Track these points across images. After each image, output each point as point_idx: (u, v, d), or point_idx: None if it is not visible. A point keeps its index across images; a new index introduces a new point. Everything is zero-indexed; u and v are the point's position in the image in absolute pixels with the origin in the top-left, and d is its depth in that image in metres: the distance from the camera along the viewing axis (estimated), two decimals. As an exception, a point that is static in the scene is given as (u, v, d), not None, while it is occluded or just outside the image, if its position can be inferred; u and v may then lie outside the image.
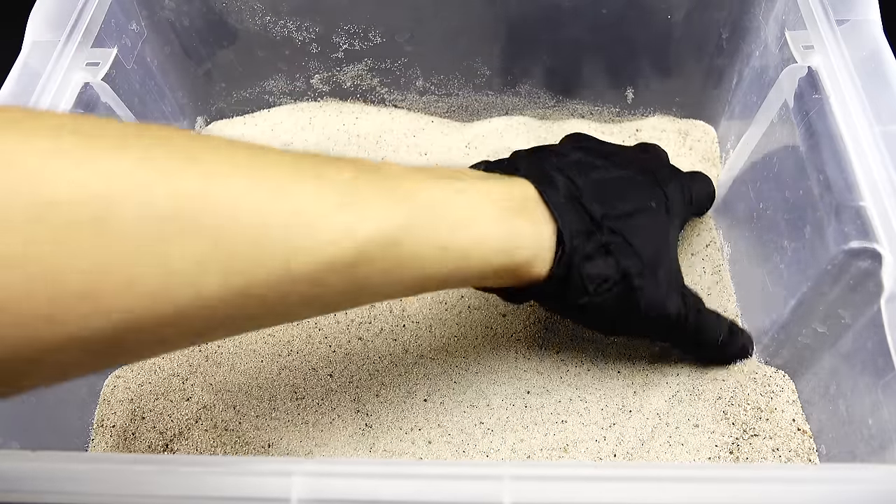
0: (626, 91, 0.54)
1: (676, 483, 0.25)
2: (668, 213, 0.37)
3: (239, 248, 0.24)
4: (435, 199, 0.29)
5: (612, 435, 0.39)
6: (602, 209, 0.34)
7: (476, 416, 0.40)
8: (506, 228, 0.31)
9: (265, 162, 0.26)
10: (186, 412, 0.41)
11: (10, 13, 0.44)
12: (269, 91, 0.55)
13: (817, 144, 0.36)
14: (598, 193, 0.35)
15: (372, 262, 0.27)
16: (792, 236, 0.38)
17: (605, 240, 0.34)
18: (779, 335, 0.39)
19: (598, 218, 0.34)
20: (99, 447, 0.40)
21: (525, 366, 0.42)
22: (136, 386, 0.42)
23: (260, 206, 0.24)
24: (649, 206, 0.36)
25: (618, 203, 0.35)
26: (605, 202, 0.35)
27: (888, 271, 0.31)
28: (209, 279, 0.23)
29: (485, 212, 0.31)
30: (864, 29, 0.39)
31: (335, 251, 0.26)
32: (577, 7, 0.49)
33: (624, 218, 0.35)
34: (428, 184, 0.30)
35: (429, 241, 0.29)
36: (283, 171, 0.26)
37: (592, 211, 0.34)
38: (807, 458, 0.38)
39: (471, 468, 0.25)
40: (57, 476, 0.25)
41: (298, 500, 0.24)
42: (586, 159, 0.37)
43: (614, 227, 0.34)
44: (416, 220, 0.28)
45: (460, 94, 0.55)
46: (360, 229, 0.26)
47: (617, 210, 0.35)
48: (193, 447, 0.39)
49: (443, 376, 0.42)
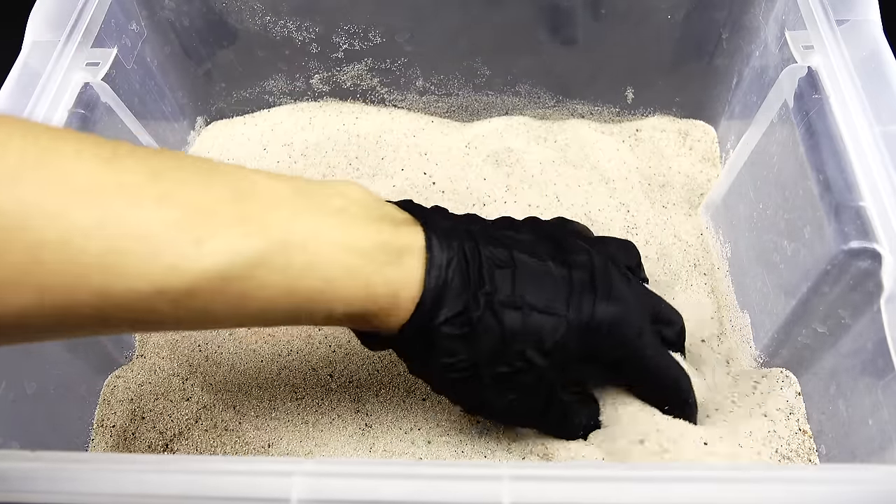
0: (626, 91, 0.54)
1: (676, 483, 0.25)
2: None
3: (57, 266, 0.23)
4: (293, 237, 0.28)
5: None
6: (492, 288, 0.32)
7: (474, 416, 0.40)
8: (362, 281, 0.29)
9: (112, 178, 0.25)
10: (186, 412, 0.41)
11: (10, 13, 0.44)
12: (269, 91, 0.55)
13: (817, 144, 0.36)
14: (500, 276, 0.32)
15: (211, 293, 0.26)
16: (792, 236, 0.38)
17: (476, 316, 0.31)
18: (779, 335, 0.39)
19: (481, 294, 0.32)
20: (99, 447, 0.40)
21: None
22: (135, 386, 0.42)
23: (86, 225, 0.24)
24: (556, 313, 0.33)
25: (521, 294, 0.32)
26: (503, 287, 0.32)
27: (888, 271, 0.31)
28: (24, 292, 0.23)
29: (343, 260, 0.29)
30: (864, 29, 0.39)
31: (167, 279, 0.25)
32: (577, 7, 0.49)
33: (512, 308, 0.32)
34: (296, 218, 0.28)
35: (274, 282, 0.27)
36: (128, 190, 0.25)
37: (478, 285, 0.32)
38: (807, 458, 0.38)
39: (470, 468, 0.25)
40: (57, 476, 0.25)
41: (298, 500, 0.24)
42: (519, 238, 0.34)
43: (496, 310, 0.32)
44: (265, 258, 0.27)
45: (460, 94, 0.55)
46: (200, 259, 0.25)
47: (511, 298, 0.32)
48: (193, 447, 0.39)
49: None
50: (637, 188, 0.51)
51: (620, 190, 0.51)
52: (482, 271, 0.32)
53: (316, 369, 0.43)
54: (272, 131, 0.55)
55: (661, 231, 0.49)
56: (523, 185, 0.51)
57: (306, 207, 0.29)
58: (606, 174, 0.52)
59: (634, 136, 0.54)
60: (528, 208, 0.50)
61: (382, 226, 0.30)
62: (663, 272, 0.47)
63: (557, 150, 0.53)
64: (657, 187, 0.51)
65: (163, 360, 0.43)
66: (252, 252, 0.26)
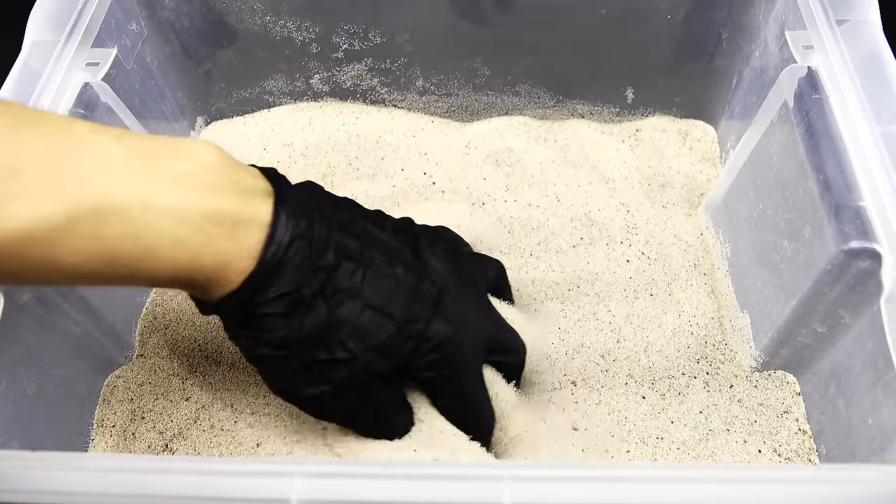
0: (625, 91, 0.54)
1: (676, 483, 0.25)
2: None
3: None
4: (111, 202, 0.27)
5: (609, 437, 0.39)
6: (330, 276, 0.31)
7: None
8: (190, 252, 0.28)
9: None
10: (186, 412, 0.41)
11: (10, 13, 0.44)
12: (269, 91, 0.55)
13: (817, 144, 0.36)
14: (345, 267, 0.32)
15: (13, 256, 0.26)
16: (792, 236, 0.38)
17: (306, 298, 0.31)
18: (779, 335, 0.39)
19: (317, 278, 0.31)
20: (99, 447, 0.40)
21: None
22: (135, 386, 0.42)
23: None
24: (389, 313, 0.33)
25: (360, 288, 0.32)
26: (343, 277, 0.32)
27: (888, 271, 0.31)
28: None
29: (169, 229, 0.28)
30: (864, 29, 0.39)
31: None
32: (577, 7, 0.49)
33: (347, 298, 0.32)
34: (121, 181, 0.27)
35: (86, 248, 0.26)
36: None
37: (317, 269, 0.31)
38: (807, 458, 0.38)
39: (471, 468, 0.25)
40: (57, 476, 0.25)
41: (298, 500, 0.24)
42: (380, 236, 0.34)
43: (328, 297, 0.31)
44: (73, 224, 0.26)
45: (460, 94, 0.55)
46: (13, 219, 0.25)
47: (349, 289, 0.32)
48: (192, 447, 0.39)
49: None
50: (637, 188, 0.51)
51: (620, 190, 0.51)
52: (326, 255, 0.31)
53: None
54: (272, 131, 0.55)
55: (661, 231, 0.49)
56: (523, 185, 0.51)
57: (138, 169, 0.28)
58: (606, 174, 0.52)
59: (634, 136, 0.54)
60: (528, 208, 0.50)
61: (226, 195, 0.29)
62: (663, 272, 0.47)
63: (557, 150, 0.53)
64: (657, 187, 0.51)
65: (163, 360, 0.44)
66: (57, 217, 0.26)
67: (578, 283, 0.46)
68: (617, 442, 0.39)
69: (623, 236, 0.48)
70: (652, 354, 0.43)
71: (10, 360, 0.35)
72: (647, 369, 0.42)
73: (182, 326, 0.45)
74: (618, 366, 0.42)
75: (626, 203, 0.50)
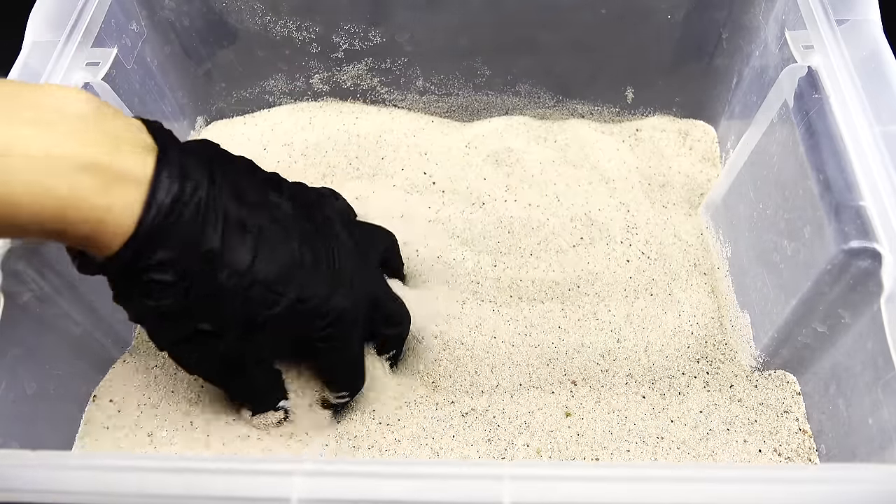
0: (626, 91, 0.54)
1: (676, 483, 0.25)
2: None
3: None
4: None
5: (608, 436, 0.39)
6: (220, 245, 0.30)
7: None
8: (53, 202, 0.27)
9: None
10: (185, 411, 0.41)
11: (10, 13, 0.44)
12: (269, 91, 0.55)
13: (817, 144, 0.36)
14: (238, 237, 0.31)
15: None
16: (792, 236, 0.38)
17: (192, 269, 0.30)
18: (779, 335, 0.39)
19: (205, 246, 0.30)
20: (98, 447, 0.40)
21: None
22: (135, 385, 0.42)
23: None
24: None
25: (251, 262, 0.31)
26: (236, 247, 0.31)
27: (888, 271, 0.31)
28: None
29: (29, 177, 0.26)
30: (864, 29, 0.39)
31: None
32: (577, 7, 0.49)
33: (234, 273, 0.31)
34: None
35: None
36: None
37: (204, 235, 0.30)
38: (807, 458, 0.38)
39: (471, 468, 0.25)
40: (56, 476, 0.25)
41: (298, 499, 0.24)
42: (278, 205, 0.33)
43: (217, 269, 0.30)
44: None
45: (460, 94, 0.55)
46: None
47: (239, 262, 0.31)
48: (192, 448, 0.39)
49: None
50: (637, 188, 0.51)
51: (620, 190, 0.51)
52: (216, 223, 0.30)
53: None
54: (272, 131, 0.55)
55: (661, 231, 0.49)
56: (523, 184, 0.51)
57: (3, 114, 0.27)
58: (606, 174, 0.52)
59: (634, 135, 0.54)
60: (528, 208, 0.50)
61: (97, 146, 0.28)
62: (663, 272, 0.47)
63: (557, 150, 0.53)
64: (657, 187, 0.51)
65: (162, 360, 0.43)
66: None
67: (578, 283, 0.46)
68: (617, 441, 0.39)
69: (623, 236, 0.48)
70: (652, 354, 0.43)
71: (10, 360, 0.35)
72: (647, 369, 0.42)
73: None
74: (618, 365, 0.42)
75: (626, 203, 0.50)
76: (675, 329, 0.44)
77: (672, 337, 0.44)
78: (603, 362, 0.43)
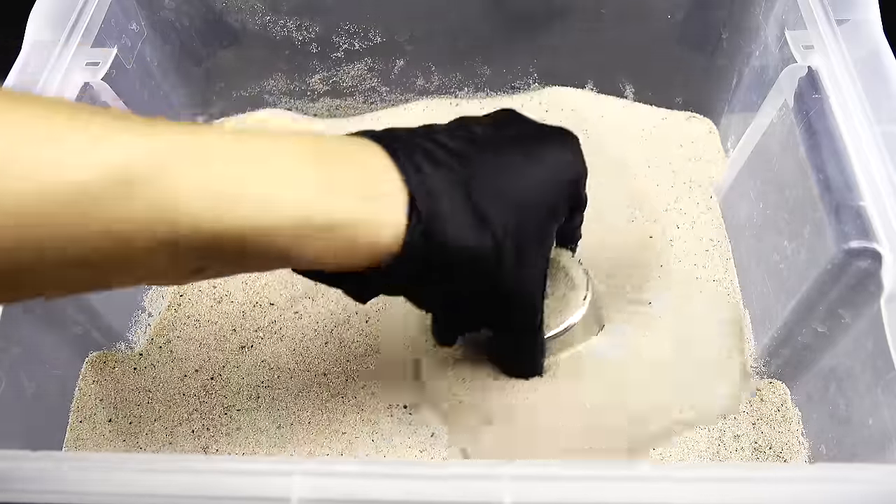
0: (626, 91, 0.54)
1: (676, 483, 0.25)
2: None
3: None
4: (206, 140, 0.25)
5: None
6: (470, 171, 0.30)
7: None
8: (324, 188, 0.27)
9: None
10: (185, 410, 0.41)
11: (10, 13, 0.44)
12: (269, 91, 0.55)
13: (817, 144, 0.36)
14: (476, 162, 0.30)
15: (100, 199, 0.22)
16: (792, 236, 0.38)
17: (476, 201, 0.29)
18: (779, 335, 0.39)
19: (465, 181, 0.29)
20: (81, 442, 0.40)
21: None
22: (134, 385, 0.42)
23: None
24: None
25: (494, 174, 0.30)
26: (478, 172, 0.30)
27: (888, 271, 0.31)
28: None
29: (293, 169, 0.26)
30: (864, 29, 0.39)
31: (54, 184, 0.22)
32: (577, 7, 0.49)
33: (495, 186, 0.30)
34: (205, 129, 0.26)
35: (189, 186, 0.23)
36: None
37: (460, 174, 0.29)
38: (806, 459, 0.38)
39: (471, 468, 0.25)
40: (56, 476, 0.25)
41: (299, 499, 0.24)
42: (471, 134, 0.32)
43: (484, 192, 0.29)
44: (172, 156, 0.23)
45: (460, 94, 0.55)
46: (90, 159, 0.22)
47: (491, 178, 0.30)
48: (191, 447, 0.39)
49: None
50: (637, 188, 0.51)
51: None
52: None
53: (310, 368, 0.43)
54: (272, 131, 0.55)
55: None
56: (523, 184, 0.51)
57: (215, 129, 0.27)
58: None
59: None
60: (528, 208, 0.50)
61: (323, 142, 0.29)
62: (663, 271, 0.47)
63: (557, 150, 0.53)
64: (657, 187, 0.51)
65: (163, 357, 0.43)
66: (148, 151, 0.23)
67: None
68: (617, 442, 0.39)
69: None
70: (652, 354, 0.43)
71: (10, 360, 0.35)
72: (647, 369, 0.42)
73: (182, 326, 0.45)
74: (618, 366, 0.42)
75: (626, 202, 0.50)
76: (675, 329, 0.44)
77: (672, 337, 0.44)
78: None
